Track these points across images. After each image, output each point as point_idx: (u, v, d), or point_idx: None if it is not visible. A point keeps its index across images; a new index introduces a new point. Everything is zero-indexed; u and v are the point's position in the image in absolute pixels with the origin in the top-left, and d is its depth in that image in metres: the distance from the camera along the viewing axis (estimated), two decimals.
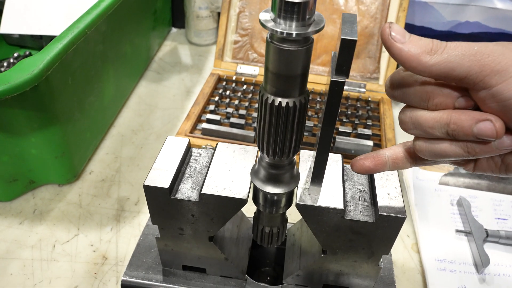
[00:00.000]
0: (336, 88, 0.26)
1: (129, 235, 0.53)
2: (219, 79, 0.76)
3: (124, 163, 0.63)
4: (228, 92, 0.72)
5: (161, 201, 0.35)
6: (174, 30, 0.99)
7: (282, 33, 0.24)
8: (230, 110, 0.67)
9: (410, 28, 0.77)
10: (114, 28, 0.62)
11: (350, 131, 0.64)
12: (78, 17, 0.50)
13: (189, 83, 0.82)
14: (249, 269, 0.43)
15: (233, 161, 0.37)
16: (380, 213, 0.32)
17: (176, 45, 0.94)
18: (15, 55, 0.83)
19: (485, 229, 0.53)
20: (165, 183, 0.34)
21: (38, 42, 0.84)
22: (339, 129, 0.64)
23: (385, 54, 0.74)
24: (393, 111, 0.71)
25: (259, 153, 0.32)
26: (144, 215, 0.55)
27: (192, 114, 0.66)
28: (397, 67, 0.77)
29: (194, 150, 0.39)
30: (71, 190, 0.58)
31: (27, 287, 0.46)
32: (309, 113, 0.69)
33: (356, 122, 0.67)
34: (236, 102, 0.70)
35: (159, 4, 0.84)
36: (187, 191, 0.35)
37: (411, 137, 0.29)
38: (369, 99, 0.72)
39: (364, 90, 0.74)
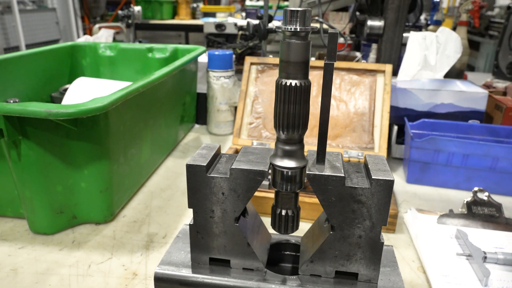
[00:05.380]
0: (328, 68, 0.39)
1: (157, 259, 0.58)
2: (236, 151, 0.89)
3: (153, 210, 0.71)
4: None
5: (198, 179, 0.44)
6: (197, 126, 1.16)
7: (290, 30, 0.38)
8: None
9: (396, 109, 0.93)
10: (156, 101, 0.78)
11: None
12: (135, 82, 0.65)
13: None
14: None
15: (256, 153, 0.46)
16: (373, 177, 0.41)
17: (199, 135, 1.09)
18: None
19: (483, 251, 0.58)
20: (203, 163, 0.44)
21: None
22: None
23: (377, 128, 0.88)
24: None
25: (276, 135, 0.43)
26: None
27: None
28: (389, 137, 0.90)
29: (222, 154, 0.50)
30: (107, 227, 0.65)
31: None
32: None
33: None
34: None
35: (188, 98, 1.03)
36: (219, 173, 0.44)
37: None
38: None
39: (362, 157, 0.85)
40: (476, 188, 0.70)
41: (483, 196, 0.69)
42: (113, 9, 4.72)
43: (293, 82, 0.39)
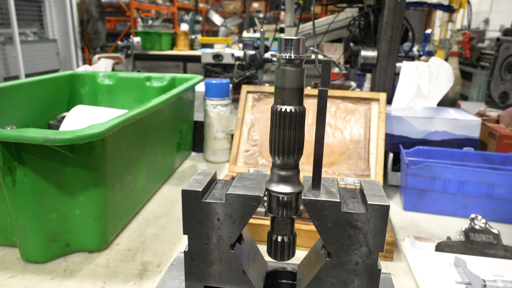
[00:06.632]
0: (322, 95, 0.39)
1: None
2: (232, 178, 0.88)
3: (148, 238, 0.70)
4: None
5: (194, 204, 0.43)
6: (193, 153, 1.16)
7: (285, 57, 0.39)
8: None
9: (391, 137, 0.93)
10: (153, 128, 0.79)
11: None
12: (133, 109, 0.66)
13: None
14: None
15: (251, 178, 0.46)
16: (369, 202, 0.41)
17: (195, 163, 1.09)
18: None
19: (483, 279, 0.57)
20: (199, 189, 0.44)
21: None
22: None
23: (373, 156, 0.88)
24: None
25: (272, 160, 0.43)
26: None
27: None
28: (385, 165, 0.90)
29: (218, 180, 0.49)
30: (100, 256, 0.64)
31: None
32: None
33: None
34: None
35: (185, 126, 1.04)
36: (214, 198, 0.44)
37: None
38: None
39: (358, 184, 0.85)
40: (473, 215, 0.70)
41: (480, 223, 0.69)
42: (113, 40, 4.83)
43: (288, 108, 0.40)
